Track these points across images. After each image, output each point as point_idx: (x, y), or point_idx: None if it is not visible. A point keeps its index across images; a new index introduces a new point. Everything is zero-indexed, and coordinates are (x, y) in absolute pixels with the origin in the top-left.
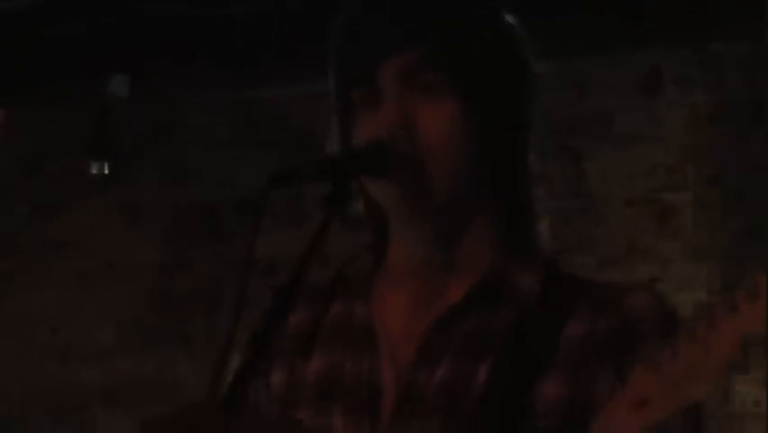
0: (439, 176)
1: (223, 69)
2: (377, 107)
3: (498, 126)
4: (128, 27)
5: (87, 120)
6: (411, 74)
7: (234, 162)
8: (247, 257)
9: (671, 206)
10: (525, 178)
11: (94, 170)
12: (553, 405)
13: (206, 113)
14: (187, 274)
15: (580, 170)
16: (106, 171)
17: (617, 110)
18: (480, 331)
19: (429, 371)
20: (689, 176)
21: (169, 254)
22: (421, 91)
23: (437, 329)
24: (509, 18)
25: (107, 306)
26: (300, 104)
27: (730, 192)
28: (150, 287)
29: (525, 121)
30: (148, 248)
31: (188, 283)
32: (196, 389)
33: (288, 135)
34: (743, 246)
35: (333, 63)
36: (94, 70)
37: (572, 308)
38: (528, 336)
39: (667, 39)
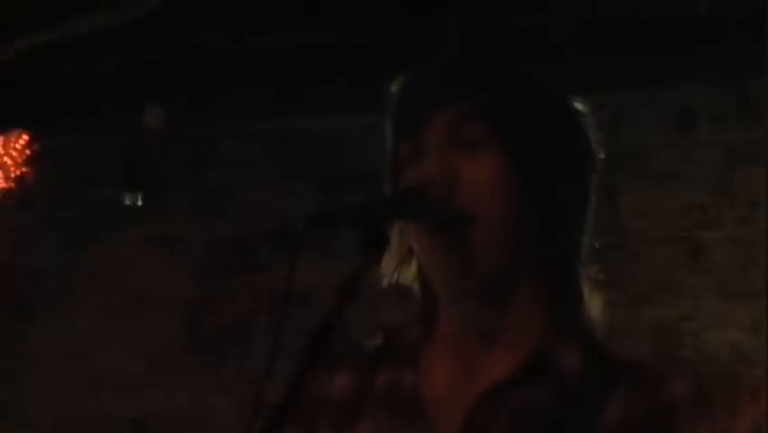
0: (483, 235)
1: (259, 101)
2: (421, 160)
3: (547, 191)
4: (165, 58)
5: (123, 151)
6: (457, 127)
7: (269, 195)
8: (284, 300)
9: (704, 244)
10: (572, 249)
11: (127, 202)
12: None
13: (242, 144)
14: (219, 307)
15: (614, 206)
16: (140, 203)
17: (652, 148)
18: (523, 409)
19: None
20: (722, 214)
21: (202, 287)
22: (465, 146)
23: (482, 405)
24: (571, 96)
25: (139, 337)
26: (337, 137)
27: (763, 231)
28: (182, 319)
29: (580, 192)
30: (181, 280)
31: (220, 316)
32: (226, 421)
33: (324, 168)
34: None
35: (390, 116)
36: (130, 102)
37: (613, 389)
38: (569, 416)
39: (702, 77)
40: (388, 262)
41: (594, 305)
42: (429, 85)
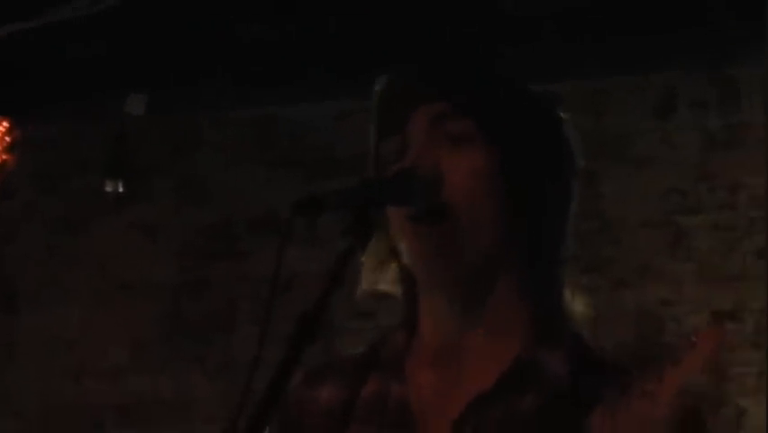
0: (465, 226)
1: (241, 88)
2: (404, 155)
3: (529, 190)
4: (147, 46)
5: (105, 139)
6: (440, 122)
7: (252, 181)
8: (272, 286)
9: (684, 228)
10: (555, 252)
11: (108, 189)
12: None
13: (224, 131)
14: (202, 293)
15: (596, 191)
16: (121, 190)
17: (633, 132)
18: (510, 417)
19: None
20: (702, 199)
21: (186, 273)
22: (448, 140)
23: (467, 416)
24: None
25: (123, 324)
26: (319, 123)
27: (743, 215)
28: (165, 306)
29: (563, 196)
30: (164, 267)
31: (204, 303)
32: (211, 408)
33: (307, 154)
34: (754, 269)
35: (373, 115)
36: (112, 89)
37: (599, 394)
38: (555, 423)
39: (682, 61)
40: (367, 267)
41: (578, 308)
42: (412, 83)
